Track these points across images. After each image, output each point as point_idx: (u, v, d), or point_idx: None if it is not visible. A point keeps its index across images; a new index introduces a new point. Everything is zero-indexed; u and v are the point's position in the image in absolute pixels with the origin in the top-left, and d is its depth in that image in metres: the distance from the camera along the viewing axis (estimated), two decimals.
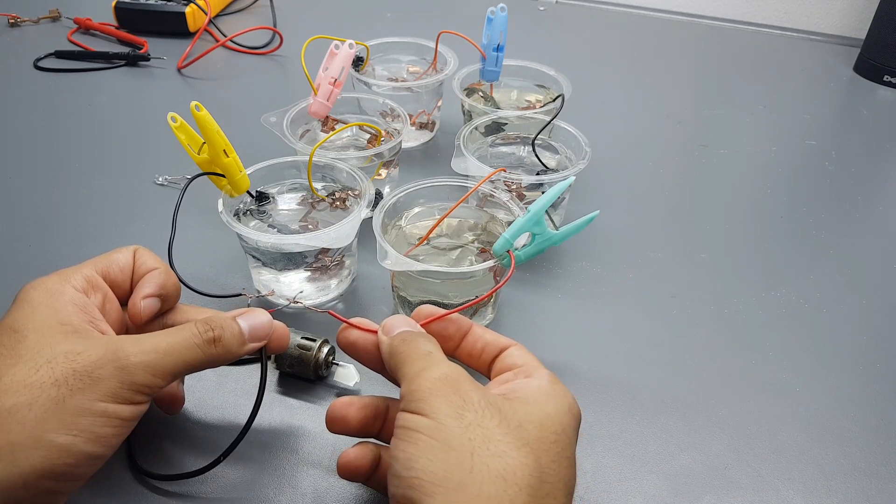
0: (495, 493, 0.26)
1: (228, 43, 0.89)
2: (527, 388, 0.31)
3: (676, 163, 0.70)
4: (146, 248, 0.38)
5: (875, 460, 0.40)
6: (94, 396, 0.29)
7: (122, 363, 0.30)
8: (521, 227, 0.41)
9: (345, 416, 0.35)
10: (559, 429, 0.29)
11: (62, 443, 0.28)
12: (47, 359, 0.29)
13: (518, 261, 0.41)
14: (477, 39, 0.65)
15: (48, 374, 0.29)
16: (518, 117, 0.61)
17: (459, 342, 0.36)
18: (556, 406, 0.30)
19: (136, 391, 0.30)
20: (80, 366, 0.29)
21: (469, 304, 0.40)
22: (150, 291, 0.36)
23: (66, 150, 0.67)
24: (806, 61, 0.97)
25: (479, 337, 0.36)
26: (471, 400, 0.29)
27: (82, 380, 0.29)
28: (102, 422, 0.29)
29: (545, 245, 0.42)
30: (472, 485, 0.26)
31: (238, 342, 0.34)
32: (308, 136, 0.59)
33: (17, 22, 0.93)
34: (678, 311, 0.50)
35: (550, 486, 0.27)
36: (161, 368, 0.31)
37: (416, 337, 0.33)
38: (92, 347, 0.30)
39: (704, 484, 0.38)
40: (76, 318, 0.32)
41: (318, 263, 0.48)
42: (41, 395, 0.28)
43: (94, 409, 0.29)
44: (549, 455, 0.28)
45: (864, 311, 0.52)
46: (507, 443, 0.27)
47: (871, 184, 0.68)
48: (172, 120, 0.42)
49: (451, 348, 0.36)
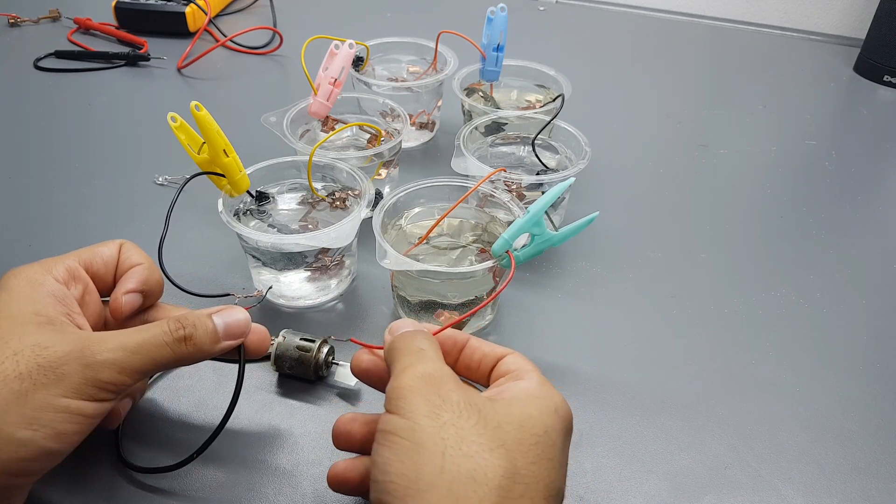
0: (464, 493, 0.26)
1: (228, 43, 0.89)
2: (514, 389, 0.31)
3: (676, 163, 0.70)
4: (133, 243, 0.38)
5: (875, 460, 0.40)
6: (58, 392, 0.29)
7: (88, 360, 0.30)
8: (521, 228, 0.41)
9: (349, 431, 0.34)
10: (541, 430, 0.29)
11: (21, 437, 0.28)
12: (14, 351, 0.29)
13: (517, 261, 0.41)
14: (477, 39, 0.65)
15: (13, 367, 0.29)
16: (518, 117, 0.61)
17: (457, 356, 0.35)
18: (541, 408, 0.30)
19: (100, 388, 0.30)
20: (45, 360, 0.29)
21: (470, 313, 0.39)
22: (133, 287, 0.36)
23: (66, 150, 0.67)
24: (806, 61, 0.97)
25: (476, 348, 0.35)
26: (450, 399, 0.28)
27: (46, 375, 0.29)
28: (64, 417, 0.29)
29: (544, 246, 0.42)
30: (442, 485, 0.26)
31: (211, 340, 0.34)
32: (308, 136, 0.59)
33: (17, 22, 0.93)
34: (678, 311, 0.50)
35: (525, 487, 0.27)
36: (128, 366, 0.31)
37: (414, 335, 0.33)
38: (60, 342, 0.30)
39: (704, 484, 0.38)
40: (52, 309, 0.32)
41: (318, 263, 0.48)
42: (3, 389, 0.28)
43: (57, 404, 0.29)
44: (527, 457, 0.28)
45: (864, 311, 0.52)
46: (481, 443, 0.27)
47: (871, 184, 0.68)
48: (172, 120, 0.42)
49: (450, 363, 0.35)
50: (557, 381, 0.43)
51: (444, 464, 0.26)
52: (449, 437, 0.27)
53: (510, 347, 0.35)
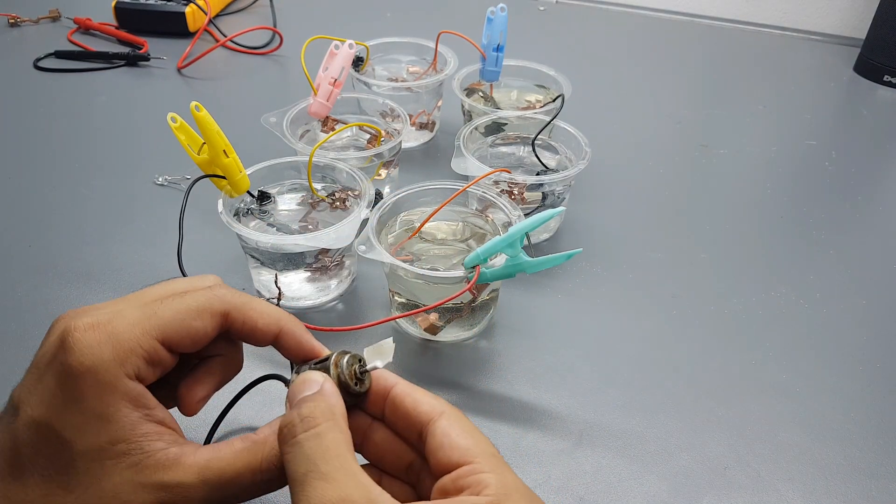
0: None
1: (228, 43, 0.89)
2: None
3: (676, 163, 0.70)
4: (238, 306, 0.29)
5: (875, 460, 0.40)
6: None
7: None
8: (494, 246, 0.39)
9: None
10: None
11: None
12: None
13: (483, 278, 0.40)
14: (477, 39, 0.65)
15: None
16: (518, 117, 0.61)
17: (383, 404, 0.29)
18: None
19: None
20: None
21: (417, 311, 0.38)
22: (206, 393, 0.30)
23: (65, 150, 0.67)
24: (806, 61, 0.97)
25: (400, 403, 0.28)
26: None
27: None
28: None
29: (514, 270, 0.40)
30: None
31: None
32: (308, 136, 0.59)
33: (17, 22, 0.93)
34: (678, 311, 0.50)
35: None
36: None
37: (315, 409, 0.26)
38: (140, 493, 0.25)
39: (704, 484, 0.38)
40: (128, 431, 0.26)
41: (317, 264, 0.48)
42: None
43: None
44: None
45: (864, 311, 0.52)
46: None
47: (871, 184, 0.68)
48: (172, 120, 0.42)
49: (377, 413, 0.29)
50: (557, 381, 0.44)
51: None
52: None
53: (506, 349, 0.33)
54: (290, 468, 0.25)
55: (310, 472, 0.24)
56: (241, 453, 0.27)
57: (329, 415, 0.26)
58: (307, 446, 0.25)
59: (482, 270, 0.40)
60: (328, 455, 0.24)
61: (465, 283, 0.41)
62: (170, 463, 0.26)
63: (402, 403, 0.28)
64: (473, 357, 0.46)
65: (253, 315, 0.29)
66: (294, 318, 0.31)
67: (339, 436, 0.25)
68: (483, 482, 0.24)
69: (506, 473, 0.25)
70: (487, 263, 0.41)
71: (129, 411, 0.26)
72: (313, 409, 0.26)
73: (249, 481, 0.27)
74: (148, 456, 0.26)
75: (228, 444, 0.27)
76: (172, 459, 0.26)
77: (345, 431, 0.26)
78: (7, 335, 0.46)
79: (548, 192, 0.54)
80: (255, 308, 0.29)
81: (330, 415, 0.26)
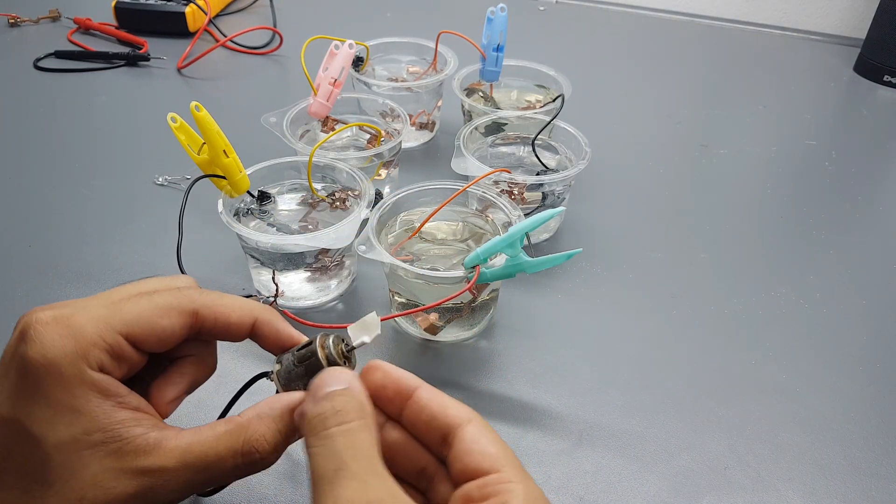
0: None
1: (228, 43, 0.89)
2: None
3: (676, 163, 0.70)
4: (208, 304, 0.29)
5: (875, 460, 0.40)
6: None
7: None
8: (494, 246, 0.40)
9: None
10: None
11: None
12: (79, 497, 0.25)
13: (483, 278, 0.40)
14: (477, 39, 0.65)
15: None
16: (518, 117, 0.61)
17: (401, 407, 0.28)
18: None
19: None
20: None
21: (416, 310, 0.38)
22: (177, 394, 0.30)
23: (65, 150, 0.67)
24: (806, 61, 0.97)
25: (425, 405, 0.27)
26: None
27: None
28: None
29: (514, 270, 0.40)
30: None
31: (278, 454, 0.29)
32: (308, 136, 0.59)
33: (17, 22, 0.93)
34: (678, 311, 0.50)
35: None
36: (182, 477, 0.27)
37: (342, 403, 0.25)
38: (122, 480, 0.26)
39: (704, 484, 0.38)
40: (101, 420, 0.26)
41: (317, 264, 0.48)
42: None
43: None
44: None
45: (864, 311, 0.52)
46: None
47: (871, 184, 0.68)
48: (172, 120, 0.42)
49: (393, 413, 0.28)
50: (557, 381, 0.44)
51: None
52: None
53: (506, 349, 0.33)
54: (319, 462, 0.24)
55: (341, 471, 0.23)
56: (224, 436, 0.27)
57: (362, 412, 0.25)
58: (339, 442, 0.24)
59: (482, 270, 0.40)
60: (359, 454, 0.24)
61: (465, 283, 0.41)
62: (150, 448, 0.26)
63: (427, 406, 0.27)
64: (473, 357, 0.46)
65: (224, 311, 0.29)
66: (269, 307, 0.31)
67: (370, 436, 0.25)
68: (511, 491, 0.24)
69: (530, 484, 0.25)
70: (487, 263, 0.41)
71: (100, 401, 0.26)
72: (346, 403, 0.25)
73: (232, 464, 0.27)
74: (127, 442, 0.26)
75: (210, 427, 0.27)
76: (153, 444, 0.26)
77: (375, 432, 0.25)
78: (7, 335, 0.46)
79: (548, 192, 0.54)
80: (226, 304, 0.29)
81: (363, 413, 0.25)
